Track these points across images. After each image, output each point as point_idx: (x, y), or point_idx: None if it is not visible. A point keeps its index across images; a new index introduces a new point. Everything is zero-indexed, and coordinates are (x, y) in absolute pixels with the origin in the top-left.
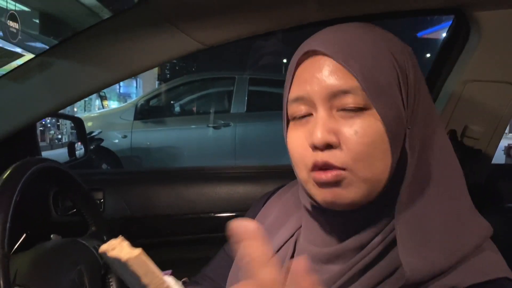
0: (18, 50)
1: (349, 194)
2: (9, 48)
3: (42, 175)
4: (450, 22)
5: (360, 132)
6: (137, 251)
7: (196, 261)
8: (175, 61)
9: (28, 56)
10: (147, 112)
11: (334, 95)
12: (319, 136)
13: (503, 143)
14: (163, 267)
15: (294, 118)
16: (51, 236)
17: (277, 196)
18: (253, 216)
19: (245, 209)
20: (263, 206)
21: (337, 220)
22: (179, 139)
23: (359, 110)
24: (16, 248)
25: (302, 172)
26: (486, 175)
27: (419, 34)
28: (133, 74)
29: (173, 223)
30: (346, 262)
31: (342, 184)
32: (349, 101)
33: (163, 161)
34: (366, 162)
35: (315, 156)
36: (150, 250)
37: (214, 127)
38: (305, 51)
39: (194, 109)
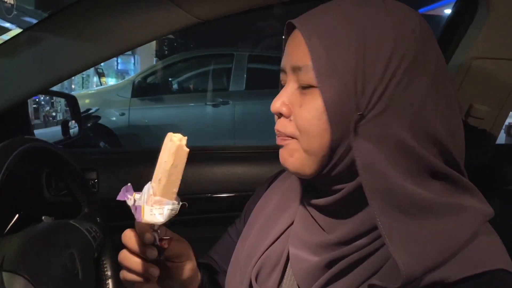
0: (7, 24)
1: (292, 158)
2: None
3: (30, 155)
4: None
5: (303, 107)
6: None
7: (193, 241)
8: (172, 37)
9: (16, 30)
10: (144, 90)
11: (294, 69)
12: (275, 105)
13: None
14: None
15: (281, 86)
16: (43, 218)
17: (280, 180)
18: (255, 202)
19: (243, 190)
20: (267, 189)
21: (320, 200)
22: (177, 117)
23: (310, 87)
24: (8, 229)
25: None
26: (490, 156)
27: (421, 10)
28: (128, 49)
29: None
30: (329, 256)
31: (287, 148)
32: (302, 77)
33: (161, 139)
34: (305, 135)
35: (276, 125)
36: None
37: (213, 105)
38: (288, 24)
39: (192, 86)
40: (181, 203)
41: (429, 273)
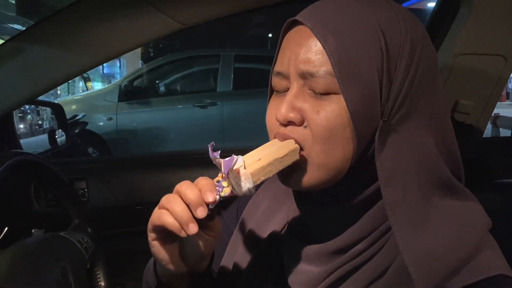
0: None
1: (301, 178)
2: None
3: (18, 169)
4: None
5: (323, 115)
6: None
7: None
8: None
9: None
10: (131, 93)
11: (304, 75)
12: (282, 112)
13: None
14: (150, 255)
15: (275, 91)
16: (32, 231)
17: (269, 182)
18: (245, 203)
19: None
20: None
21: (317, 211)
22: (166, 120)
23: (327, 93)
24: None
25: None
26: (477, 150)
27: (405, 4)
28: (113, 57)
29: None
30: (327, 265)
31: (296, 169)
32: (317, 84)
33: (150, 142)
34: (324, 146)
35: (278, 128)
36: (138, 239)
37: (201, 107)
38: (291, 21)
39: (180, 88)
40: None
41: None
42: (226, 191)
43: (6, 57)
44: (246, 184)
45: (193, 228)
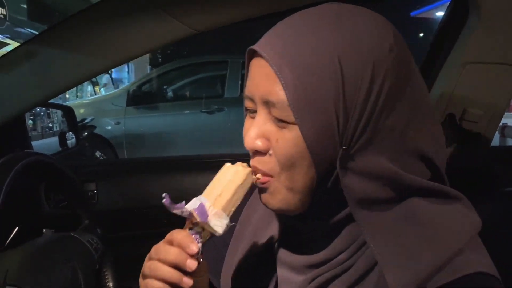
0: (1, 37)
1: (275, 201)
2: None
3: (30, 169)
4: (443, 1)
5: (282, 144)
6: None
7: None
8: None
9: (14, 44)
10: (139, 98)
11: (265, 103)
12: (248, 142)
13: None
14: None
15: (248, 111)
16: (44, 230)
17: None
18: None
19: None
20: (250, 196)
21: (306, 228)
22: (173, 125)
23: (287, 122)
24: (8, 243)
25: None
26: (484, 159)
27: (412, 14)
28: (125, 61)
29: (168, 213)
30: (310, 273)
31: (268, 190)
32: (276, 113)
33: (157, 147)
34: (288, 172)
35: (251, 159)
36: (146, 241)
37: (208, 112)
38: (251, 50)
39: (187, 94)
40: (231, 224)
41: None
42: (205, 236)
43: (21, 59)
44: (223, 222)
45: (188, 283)
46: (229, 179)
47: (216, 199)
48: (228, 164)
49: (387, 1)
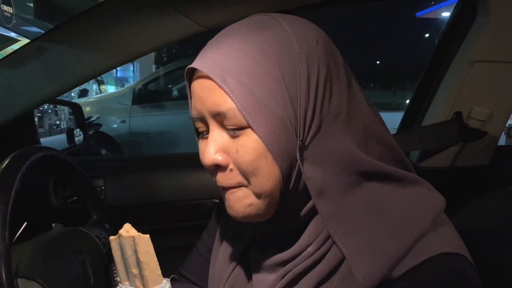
0: (13, 35)
1: (243, 208)
2: (2, 33)
3: (41, 164)
4: (449, 1)
5: (242, 151)
6: (147, 235)
7: (185, 248)
8: (171, 44)
9: (24, 41)
10: (145, 97)
11: (215, 115)
12: (208, 158)
13: None
14: (165, 253)
15: (199, 134)
16: (53, 225)
17: None
18: (220, 216)
19: None
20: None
21: (272, 226)
22: (178, 124)
23: (241, 129)
24: (17, 237)
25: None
26: (491, 157)
27: (418, 14)
28: (133, 59)
29: (175, 209)
30: (279, 272)
31: (237, 201)
32: (228, 122)
33: (162, 145)
34: (253, 178)
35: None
36: (153, 237)
37: None
38: (190, 69)
39: None
40: (169, 279)
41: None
42: None
43: (30, 56)
44: None
45: None
46: (130, 255)
47: (140, 280)
48: (112, 238)
49: (393, 2)
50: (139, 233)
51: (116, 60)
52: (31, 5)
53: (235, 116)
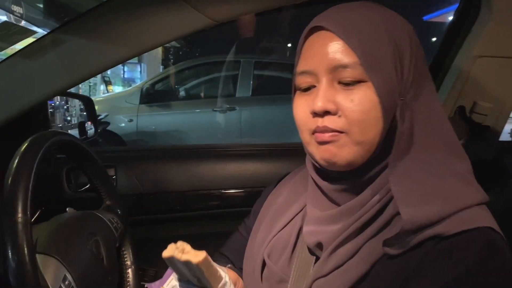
0: (33, 27)
1: (343, 153)
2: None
3: (58, 147)
4: (457, 6)
5: (356, 101)
6: (203, 253)
7: (206, 236)
8: (178, 45)
9: (41, 33)
10: (152, 96)
11: (335, 68)
12: (319, 104)
13: (508, 126)
14: (173, 241)
15: (300, 89)
16: (67, 209)
17: (287, 179)
18: (265, 197)
19: (254, 186)
20: (274, 187)
21: (337, 184)
22: (185, 123)
23: (356, 82)
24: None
25: (304, 135)
26: (493, 151)
27: (425, 18)
28: (145, 51)
29: (184, 199)
30: (345, 221)
31: (337, 144)
32: (348, 74)
33: (168, 145)
34: (360, 127)
35: (315, 121)
36: (162, 226)
37: (220, 111)
38: (312, 27)
39: (199, 93)
40: (226, 270)
41: (428, 228)
42: None
43: (47, 47)
44: None
45: None
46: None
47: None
48: (165, 256)
49: (401, 5)
50: (193, 250)
51: (128, 53)
52: (41, 5)
53: (355, 69)
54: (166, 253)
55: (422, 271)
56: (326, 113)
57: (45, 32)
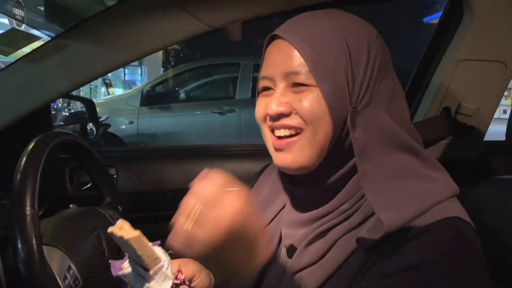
0: (36, 32)
1: (296, 157)
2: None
3: (62, 147)
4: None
5: (306, 104)
6: (136, 232)
7: None
8: (179, 48)
9: (46, 38)
10: (153, 98)
11: (288, 74)
12: (273, 108)
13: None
14: None
15: (261, 92)
16: (70, 205)
17: (265, 175)
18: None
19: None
20: (254, 185)
21: (305, 189)
22: (185, 125)
23: (309, 86)
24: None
25: (265, 132)
26: (479, 151)
27: (425, 20)
28: (143, 56)
29: (182, 197)
30: (313, 225)
31: (292, 150)
32: (300, 79)
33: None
34: (311, 127)
35: (272, 124)
36: (161, 223)
37: (219, 113)
38: (270, 36)
39: (199, 95)
40: (167, 254)
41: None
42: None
43: (50, 52)
44: (164, 272)
45: None
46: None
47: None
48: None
49: (401, 7)
50: (130, 229)
51: (127, 58)
52: (42, 8)
53: (306, 75)
54: (109, 229)
55: (387, 256)
56: (280, 115)
57: (46, 36)
